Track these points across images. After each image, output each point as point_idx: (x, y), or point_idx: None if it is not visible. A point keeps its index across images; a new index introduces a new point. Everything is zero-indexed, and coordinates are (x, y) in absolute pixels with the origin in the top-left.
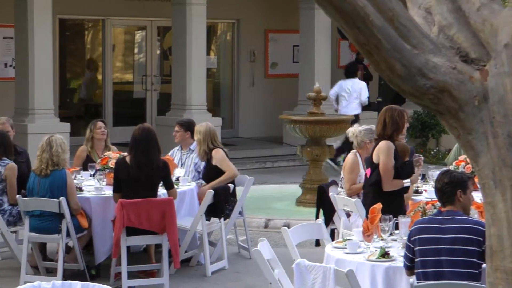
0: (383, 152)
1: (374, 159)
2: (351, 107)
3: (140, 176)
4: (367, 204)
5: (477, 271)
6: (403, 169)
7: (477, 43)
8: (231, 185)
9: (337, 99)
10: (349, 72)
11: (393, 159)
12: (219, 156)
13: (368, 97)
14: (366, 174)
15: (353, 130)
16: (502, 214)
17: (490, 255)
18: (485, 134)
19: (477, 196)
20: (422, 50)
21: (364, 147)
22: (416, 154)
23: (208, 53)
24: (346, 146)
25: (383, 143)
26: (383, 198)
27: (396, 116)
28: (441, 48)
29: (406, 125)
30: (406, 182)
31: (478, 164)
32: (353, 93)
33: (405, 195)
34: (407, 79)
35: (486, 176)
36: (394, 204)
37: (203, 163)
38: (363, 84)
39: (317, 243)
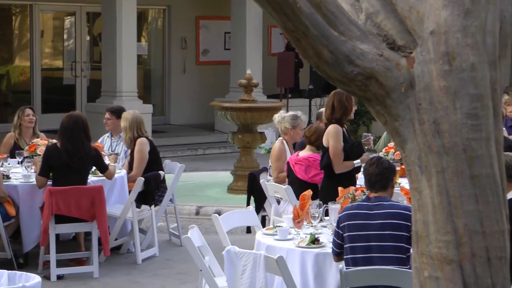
0: (332, 136)
1: (324, 143)
2: None
3: (71, 162)
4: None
5: (405, 256)
6: (353, 150)
7: (404, 30)
8: (161, 172)
9: None
10: None
11: (342, 142)
12: (137, 150)
13: None
14: (288, 162)
15: (278, 117)
16: (427, 200)
17: (416, 241)
18: (411, 121)
19: (406, 183)
20: (350, 37)
21: (288, 133)
22: (365, 134)
23: (139, 40)
24: None
25: (331, 127)
26: (336, 181)
27: (344, 100)
28: (368, 35)
29: (354, 108)
30: (357, 162)
31: (405, 150)
32: None
33: None
34: (335, 65)
35: (412, 163)
36: (347, 185)
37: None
38: None
39: (248, 230)
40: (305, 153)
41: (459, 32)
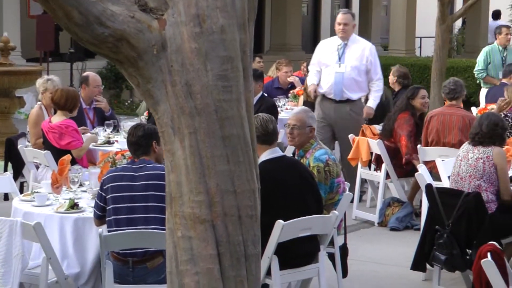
0: None
1: None
2: None
3: None
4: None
5: None
6: None
7: None
8: None
9: None
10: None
11: None
12: None
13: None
14: (43, 131)
15: (38, 82)
16: (181, 161)
17: (170, 202)
18: (163, 83)
19: None
20: None
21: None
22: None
23: None
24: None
25: None
26: None
27: None
28: None
29: None
30: None
31: (158, 112)
32: None
33: None
34: (85, 27)
35: (165, 124)
36: None
37: None
38: None
39: (6, 197)
40: (57, 118)
41: None
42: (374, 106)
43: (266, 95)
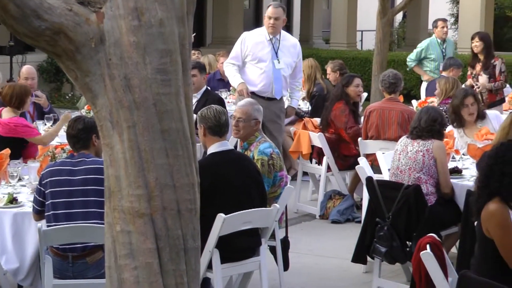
0: None
1: None
2: None
3: None
4: None
5: None
6: None
7: None
8: None
9: None
10: None
11: None
12: None
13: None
14: None
15: None
16: (119, 155)
17: (109, 196)
18: (102, 76)
19: None
20: None
21: None
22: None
23: None
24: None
25: None
26: None
27: None
28: None
29: None
30: None
31: (96, 106)
32: None
33: None
34: (21, 20)
35: (104, 118)
36: None
37: None
38: None
39: None
40: (7, 114)
41: None
42: (296, 105)
43: (209, 88)
